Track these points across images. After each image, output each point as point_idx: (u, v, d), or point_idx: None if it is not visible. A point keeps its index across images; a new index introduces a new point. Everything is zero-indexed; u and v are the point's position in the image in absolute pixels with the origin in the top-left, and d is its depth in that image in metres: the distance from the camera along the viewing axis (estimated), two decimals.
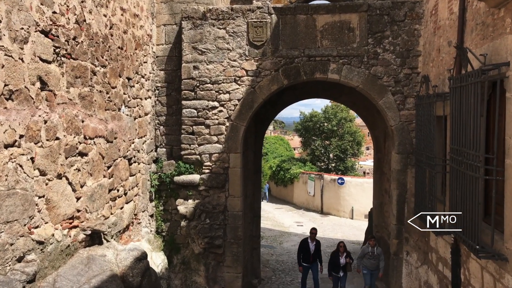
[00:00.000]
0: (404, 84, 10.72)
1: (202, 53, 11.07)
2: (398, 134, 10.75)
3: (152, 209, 11.55)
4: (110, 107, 8.69)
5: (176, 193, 11.54)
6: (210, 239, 10.94)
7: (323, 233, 25.33)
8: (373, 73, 10.76)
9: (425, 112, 8.92)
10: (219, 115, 11.16)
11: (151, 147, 11.44)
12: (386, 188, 12.67)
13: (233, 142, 11.12)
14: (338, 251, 12.51)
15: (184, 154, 11.31)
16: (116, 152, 9.04)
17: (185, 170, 11.29)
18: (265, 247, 19.83)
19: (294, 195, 36.39)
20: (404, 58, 10.67)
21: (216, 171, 11.22)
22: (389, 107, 10.77)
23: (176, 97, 11.66)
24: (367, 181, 31.00)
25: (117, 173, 9.09)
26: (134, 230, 10.40)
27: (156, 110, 11.77)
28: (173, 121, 11.76)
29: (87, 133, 7.66)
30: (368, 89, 10.79)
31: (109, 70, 8.60)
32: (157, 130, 11.81)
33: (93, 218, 7.82)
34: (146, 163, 11.10)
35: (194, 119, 11.21)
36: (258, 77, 11.02)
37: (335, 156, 42.01)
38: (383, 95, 10.75)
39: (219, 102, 11.14)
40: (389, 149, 12.43)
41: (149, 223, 11.32)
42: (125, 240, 9.69)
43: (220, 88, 11.10)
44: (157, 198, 11.68)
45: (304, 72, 10.89)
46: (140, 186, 10.65)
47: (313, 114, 43.20)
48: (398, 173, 10.81)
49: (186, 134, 11.28)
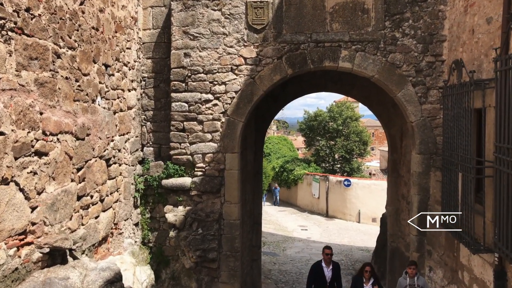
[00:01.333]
0: (426, 73, 9.28)
1: (194, 38, 9.65)
2: (419, 132, 9.32)
3: (137, 217, 10.13)
4: (81, 97, 7.28)
5: (164, 198, 10.12)
6: (202, 252, 9.51)
7: (328, 238, 24.01)
8: (391, 61, 9.33)
9: (457, 104, 7.48)
10: (213, 110, 9.74)
11: (135, 146, 10.02)
12: (403, 193, 11.23)
13: (230, 140, 9.70)
14: (362, 275, 8.81)
15: (174, 154, 9.89)
16: (89, 152, 7.63)
17: (174, 172, 9.87)
18: (267, 254, 18.42)
19: (298, 197, 35.11)
20: (427, 43, 9.23)
21: (210, 173, 9.80)
22: (409, 100, 9.34)
23: (165, 89, 10.25)
24: (374, 183, 29.74)
25: (90, 176, 7.68)
26: (114, 241, 8.99)
27: (142, 104, 10.36)
28: (161, 116, 10.35)
29: (48, 128, 6.24)
30: (384, 79, 9.36)
31: (79, 54, 7.19)
32: (144, 127, 10.40)
33: (54, 232, 6.40)
34: (130, 164, 9.68)
35: (185, 114, 9.79)
36: (259, 66, 9.59)
37: (340, 157, 40.57)
38: (402, 87, 9.32)
39: (214, 94, 9.72)
40: (406, 149, 10.99)
41: (133, 233, 9.90)
42: (101, 254, 8.28)
43: (214, 78, 9.68)
44: (143, 205, 10.27)
45: (311, 60, 9.46)
46: (121, 191, 9.24)
47: (317, 113, 41.79)
48: (419, 177, 9.38)
49: (175, 131, 9.86)
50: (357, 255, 19.23)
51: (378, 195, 28.19)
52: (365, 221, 28.81)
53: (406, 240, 10.96)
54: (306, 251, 20.01)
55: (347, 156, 40.04)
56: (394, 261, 11.88)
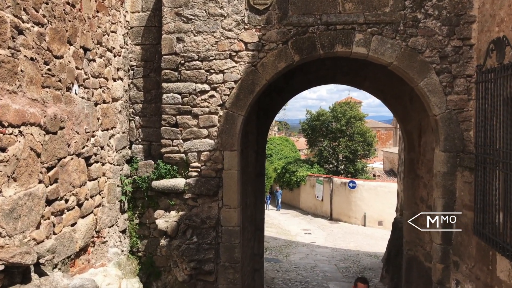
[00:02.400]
0: (452, 60, 8.14)
1: (188, 20, 8.52)
2: (444, 126, 8.18)
3: (124, 223, 8.99)
4: (52, 83, 6.14)
5: (155, 202, 8.98)
6: (197, 263, 8.36)
7: (333, 242, 23.01)
8: (412, 45, 8.20)
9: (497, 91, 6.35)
10: (210, 102, 8.60)
11: (122, 143, 8.89)
12: (422, 196, 10.07)
13: (228, 136, 8.56)
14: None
15: (165, 152, 8.75)
16: (63, 148, 6.49)
17: (166, 172, 8.73)
18: (269, 261, 17.29)
19: (301, 199, 34.11)
20: (453, 25, 8.09)
21: (207, 174, 8.66)
22: (432, 91, 8.20)
23: (156, 79, 9.12)
24: (381, 185, 28.73)
25: (64, 177, 6.53)
26: (97, 252, 7.85)
27: (130, 96, 9.22)
28: (152, 110, 9.21)
29: (6, 118, 5.10)
30: (404, 66, 8.22)
31: (49, 32, 6.05)
32: (132, 122, 9.27)
33: (13, 245, 5.26)
34: (115, 163, 8.54)
35: (177, 106, 8.65)
36: (261, 52, 8.45)
37: (344, 158, 39.44)
38: (425, 75, 8.19)
39: (210, 84, 8.58)
40: (426, 147, 9.85)
41: (119, 241, 8.76)
42: (80, 267, 7.14)
43: (211, 66, 8.54)
44: (131, 209, 9.12)
45: (321, 45, 8.32)
46: (105, 194, 8.10)
47: (320, 112, 40.76)
48: (443, 178, 8.23)
49: (167, 127, 8.72)
50: (365, 261, 18.10)
51: (384, 197, 27.27)
52: (371, 225, 27.86)
53: (425, 249, 9.81)
54: (311, 257, 18.91)
55: (351, 157, 38.95)
56: (411, 272, 10.73)
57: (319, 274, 15.79)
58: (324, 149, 39.37)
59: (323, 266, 17.18)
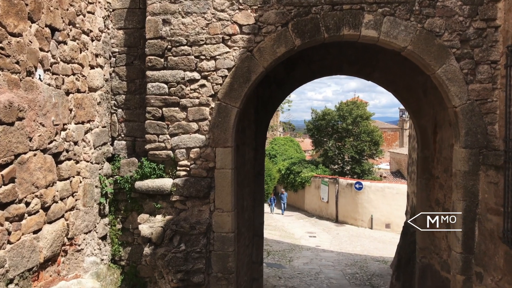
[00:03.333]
0: (474, 44, 7.14)
1: (175, 0, 7.56)
2: (465, 119, 7.17)
3: (105, 229, 8.03)
4: (6, 65, 5.20)
5: (139, 205, 8.02)
6: (185, 274, 7.37)
7: (339, 246, 22.03)
8: (428, 27, 7.20)
9: None
10: (200, 92, 7.63)
11: (102, 139, 7.94)
12: (438, 198, 9.06)
13: (221, 131, 7.59)
14: None
15: (150, 149, 7.78)
16: (23, 142, 5.54)
17: (151, 172, 7.76)
18: (271, 266, 16.31)
19: (306, 201, 33.13)
20: (475, 5, 7.08)
21: (197, 173, 7.69)
22: (451, 79, 7.19)
23: (141, 68, 8.17)
24: (388, 186, 27.72)
25: (24, 176, 5.59)
26: (70, 261, 6.89)
27: (112, 86, 8.26)
28: (136, 101, 8.26)
29: None
30: (420, 51, 7.23)
31: (1, 3, 5.11)
32: (114, 115, 8.31)
33: None
34: (93, 161, 7.59)
35: (164, 97, 7.68)
36: (258, 36, 7.47)
37: (350, 158, 38.39)
38: (444, 61, 7.19)
39: (201, 72, 7.61)
40: (442, 144, 8.84)
41: (99, 249, 7.81)
42: (46, 280, 6.19)
43: (201, 52, 7.57)
44: (113, 213, 8.17)
45: (326, 28, 7.33)
46: (80, 196, 7.15)
47: (326, 112, 39.72)
48: (464, 177, 7.22)
49: (152, 120, 7.75)
50: (373, 267, 17.07)
51: (392, 199, 26.33)
52: (378, 227, 26.90)
53: (442, 257, 8.81)
54: (315, 262, 17.91)
55: (357, 157, 37.90)
56: (425, 281, 9.72)
57: (324, 281, 14.80)
58: (330, 149, 38.34)
59: (328, 272, 16.18)
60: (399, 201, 25.54)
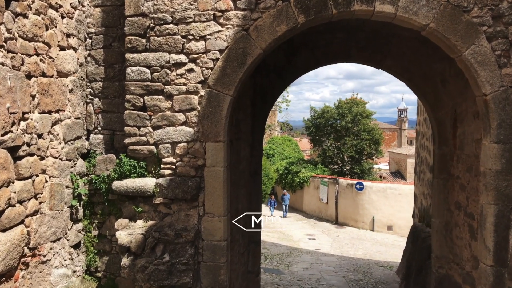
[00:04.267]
0: (509, 21, 6.11)
1: None
2: (497, 109, 6.14)
3: (78, 236, 6.96)
4: None
5: (117, 208, 6.96)
6: None
7: (340, 249, 20.98)
8: (454, 2, 6.16)
9: None
10: (188, 78, 6.57)
11: (75, 132, 6.87)
12: (459, 201, 8.01)
13: (212, 123, 6.53)
14: None
15: (130, 144, 6.72)
16: None
17: (131, 170, 6.70)
18: (268, 272, 15.25)
19: (304, 201, 32.07)
20: None
21: (184, 172, 6.63)
22: (481, 62, 6.16)
23: (120, 51, 7.11)
24: (390, 187, 26.74)
25: None
26: (32, 276, 5.83)
27: (87, 72, 7.20)
28: (115, 89, 7.21)
29: None
30: (444, 30, 6.19)
31: None
32: (90, 105, 7.25)
33: None
34: (64, 157, 6.52)
35: (146, 84, 6.62)
36: (254, 12, 6.41)
37: (349, 157, 37.39)
38: (472, 41, 6.15)
39: (188, 55, 6.55)
40: (464, 139, 7.80)
41: (70, 259, 6.74)
42: None
43: (189, 31, 6.52)
44: (88, 217, 7.10)
45: (334, 2, 6.28)
46: (45, 198, 6.08)
47: (324, 109, 38.72)
48: (496, 177, 6.18)
49: (132, 110, 6.69)
50: (378, 273, 16.01)
51: (394, 200, 25.44)
52: (379, 229, 25.92)
53: (464, 268, 7.76)
54: (316, 267, 16.84)
55: (357, 156, 36.91)
56: None
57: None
58: (329, 149, 37.35)
59: (329, 278, 15.11)
60: (402, 202, 24.65)
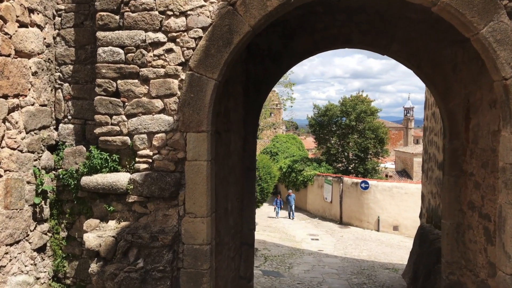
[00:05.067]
0: None
1: None
2: None
3: (42, 238, 6.19)
4: None
5: (88, 207, 6.19)
6: None
7: (344, 250, 20.25)
8: None
9: None
10: (166, 59, 5.79)
11: (40, 121, 6.10)
12: (472, 201, 7.20)
13: (194, 111, 5.75)
14: None
15: (101, 134, 5.94)
16: None
17: (102, 164, 5.92)
18: (267, 274, 14.47)
19: (308, 200, 31.36)
20: None
21: (161, 166, 5.85)
22: (501, 41, 5.34)
23: (93, 30, 6.32)
24: (396, 186, 25.96)
25: None
26: None
27: (56, 53, 6.43)
28: (87, 73, 6.43)
29: None
30: (459, 4, 5.37)
31: None
32: (59, 91, 6.48)
33: None
34: (25, 149, 5.76)
35: (119, 66, 5.85)
36: None
37: (354, 156, 36.58)
38: (490, 17, 5.33)
39: (167, 33, 5.76)
40: (479, 132, 6.98)
41: (33, 264, 5.97)
42: None
43: (168, 6, 5.73)
44: (55, 217, 6.34)
45: None
46: (0, 195, 5.31)
47: (328, 107, 37.90)
48: None
49: (104, 96, 5.91)
50: (383, 276, 15.19)
51: (400, 199, 24.73)
52: (385, 230, 25.23)
53: (478, 275, 6.95)
54: (318, 270, 16.05)
55: (362, 155, 36.08)
56: None
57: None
58: (333, 147, 36.56)
59: (332, 282, 14.32)
60: (408, 201, 23.89)
